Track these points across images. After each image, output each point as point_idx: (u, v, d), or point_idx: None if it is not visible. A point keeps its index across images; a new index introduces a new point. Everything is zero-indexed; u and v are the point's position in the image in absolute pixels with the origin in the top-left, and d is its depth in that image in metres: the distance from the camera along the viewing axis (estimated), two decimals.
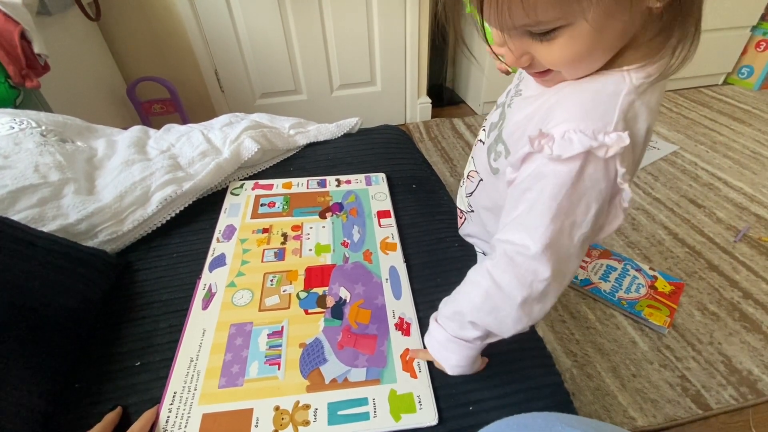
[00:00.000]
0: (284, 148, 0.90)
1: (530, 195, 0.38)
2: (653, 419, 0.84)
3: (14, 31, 0.86)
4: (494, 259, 0.41)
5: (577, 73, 0.37)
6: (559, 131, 0.35)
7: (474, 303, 0.42)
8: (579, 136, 0.34)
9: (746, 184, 1.48)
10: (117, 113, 1.50)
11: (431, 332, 0.49)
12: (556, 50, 0.34)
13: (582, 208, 0.36)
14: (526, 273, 0.38)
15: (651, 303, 1.04)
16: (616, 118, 0.34)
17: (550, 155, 0.35)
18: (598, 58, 0.35)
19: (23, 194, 0.61)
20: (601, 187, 0.36)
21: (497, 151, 0.48)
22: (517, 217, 0.39)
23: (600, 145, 0.33)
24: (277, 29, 1.61)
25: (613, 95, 0.35)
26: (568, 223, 0.36)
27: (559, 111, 0.37)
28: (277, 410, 0.47)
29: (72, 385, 0.50)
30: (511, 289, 0.39)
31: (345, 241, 0.69)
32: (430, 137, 1.87)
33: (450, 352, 0.46)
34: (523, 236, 0.38)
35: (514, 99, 0.47)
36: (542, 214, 0.36)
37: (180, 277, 0.64)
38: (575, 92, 0.37)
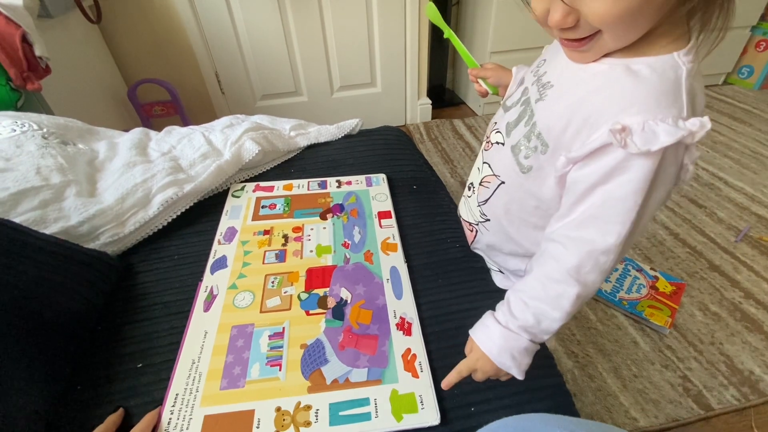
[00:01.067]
0: (285, 149, 0.90)
1: (607, 188, 0.37)
2: (655, 420, 0.84)
3: (15, 33, 0.86)
4: (574, 261, 0.40)
5: (621, 38, 0.36)
6: (637, 123, 0.34)
7: (566, 311, 0.41)
8: (663, 126, 0.33)
9: (747, 184, 1.48)
10: (118, 115, 1.50)
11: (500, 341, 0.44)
12: (609, 3, 0.32)
13: (658, 196, 0.38)
14: (608, 266, 0.40)
15: (652, 303, 1.04)
16: (686, 103, 0.35)
17: (637, 150, 0.34)
18: (645, 19, 0.34)
19: (25, 196, 0.61)
20: (670, 172, 0.37)
21: (530, 147, 0.46)
22: (591, 211, 0.39)
23: (688, 134, 0.33)
24: (278, 31, 1.61)
25: (676, 81, 0.35)
26: (645, 212, 0.38)
27: (624, 101, 0.36)
28: (279, 411, 0.47)
29: (74, 387, 0.50)
30: (597, 284, 0.41)
31: (346, 242, 0.69)
32: (430, 138, 1.87)
33: (525, 357, 0.44)
34: (604, 233, 0.38)
35: (546, 92, 0.45)
36: (626, 209, 0.37)
37: (181, 279, 0.64)
38: (638, 81, 0.36)
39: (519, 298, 0.44)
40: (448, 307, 0.60)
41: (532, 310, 0.43)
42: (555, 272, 0.42)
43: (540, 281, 0.43)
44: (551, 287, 0.42)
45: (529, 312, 0.43)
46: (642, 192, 0.36)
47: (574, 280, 0.40)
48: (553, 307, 0.42)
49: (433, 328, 0.57)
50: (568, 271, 0.41)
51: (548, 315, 0.42)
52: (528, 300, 0.43)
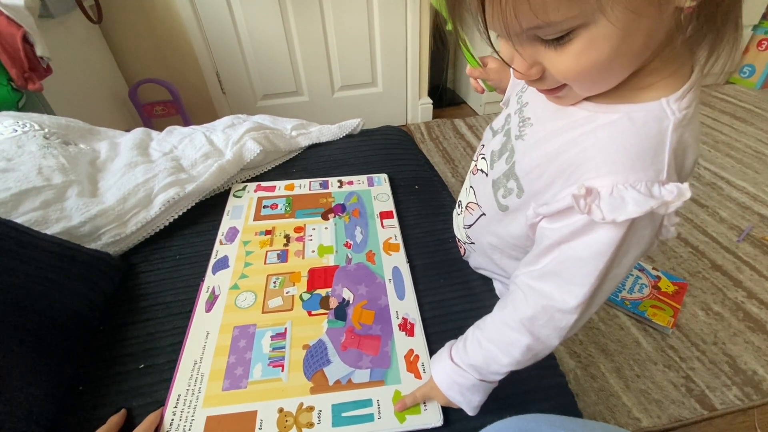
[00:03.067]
0: (286, 149, 0.90)
1: (571, 245, 0.35)
2: (658, 420, 0.84)
3: (17, 33, 0.86)
4: (530, 312, 0.39)
5: (594, 89, 0.33)
6: (606, 187, 0.31)
7: (515, 359, 0.40)
8: (632, 193, 0.30)
9: (749, 183, 1.48)
10: (119, 115, 1.50)
11: (450, 375, 0.44)
12: (572, 58, 0.29)
13: (626, 261, 0.34)
14: (565, 326, 0.38)
15: (654, 303, 1.04)
16: (666, 161, 0.30)
17: (601, 219, 0.30)
18: (618, 71, 0.31)
19: (27, 197, 0.61)
20: (646, 235, 0.33)
21: (507, 188, 0.45)
22: (552, 266, 0.37)
23: (660, 204, 0.29)
24: (278, 31, 1.61)
25: (659, 135, 0.31)
26: (610, 276, 0.35)
27: (599, 158, 0.32)
28: (281, 412, 0.47)
29: (76, 387, 0.50)
30: (551, 340, 0.39)
31: (348, 242, 0.69)
32: (431, 138, 1.87)
33: (477, 394, 0.44)
34: (563, 292, 0.36)
35: (525, 130, 0.42)
36: (588, 272, 0.34)
37: (183, 279, 0.64)
38: (614, 135, 0.32)
39: (476, 336, 0.44)
40: (450, 307, 0.60)
41: (483, 351, 0.42)
42: (510, 319, 0.41)
43: (497, 325, 0.43)
44: (505, 333, 0.41)
45: (480, 352, 0.42)
46: (607, 255, 0.33)
47: (527, 330, 0.39)
48: (503, 353, 0.41)
49: (435, 328, 0.57)
50: (521, 321, 0.39)
51: (497, 359, 0.41)
52: (482, 340, 0.43)
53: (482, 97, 1.97)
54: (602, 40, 0.27)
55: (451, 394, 0.44)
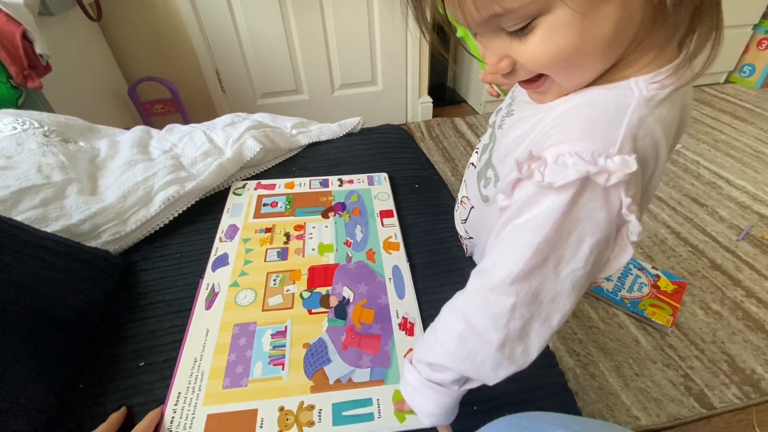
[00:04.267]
0: (286, 147, 0.90)
1: (516, 222, 0.33)
2: (657, 418, 0.84)
3: (16, 31, 0.86)
4: (466, 295, 0.37)
5: (571, 79, 0.32)
6: (552, 154, 0.30)
7: (448, 349, 0.37)
8: (574, 159, 0.28)
9: (749, 182, 1.48)
10: (118, 113, 1.50)
11: (404, 376, 0.43)
12: (536, 46, 0.28)
13: (573, 242, 0.31)
14: (500, 312, 0.33)
15: (654, 302, 1.04)
16: (621, 137, 0.29)
17: (540, 182, 0.29)
18: (592, 60, 0.30)
19: (26, 195, 0.61)
20: (599, 219, 0.30)
21: (487, 177, 0.44)
22: (497, 244, 0.35)
23: (600, 171, 0.28)
24: (278, 29, 1.61)
25: (618, 110, 0.29)
26: (553, 257, 0.31)
27: (554, 130, 0.32)
28: (282, 411, 0.47)
29: (76, 385, 0.50)
30: (486, 331, 0.34)
31: (348, 240, 0.69)
32: (431, 137, 1.87)
33: (424, 398, 0.40)
34: (495, 266, 0.34)
35: (506, 119, 0.42)
36: (524, 245, 0.31)
37: (183, 277, 0.64)
38: (573, 109, 0.32)
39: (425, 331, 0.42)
40: None
41: (423, 342, 0.41)
42: (451, 306, 0.39)
43: (441, 315, 0.41)
44: (442, 319, 0.39)
45: (421, 343, 0.41)
46: (545, 229, 0.30)
47: (461, 314, 0.36)
48: (437, 340, 0.38)
49: None
50: (459, 305, 0.37)
51: (431, 347, 0.39)
52: (427, 331, 0.41)
53: (482, 96, 1.97)
54: (565, 26, 0.27)
55: (407, 397, 0.42)
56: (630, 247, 0.32)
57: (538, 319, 0.34)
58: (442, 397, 0.40)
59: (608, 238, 0.31)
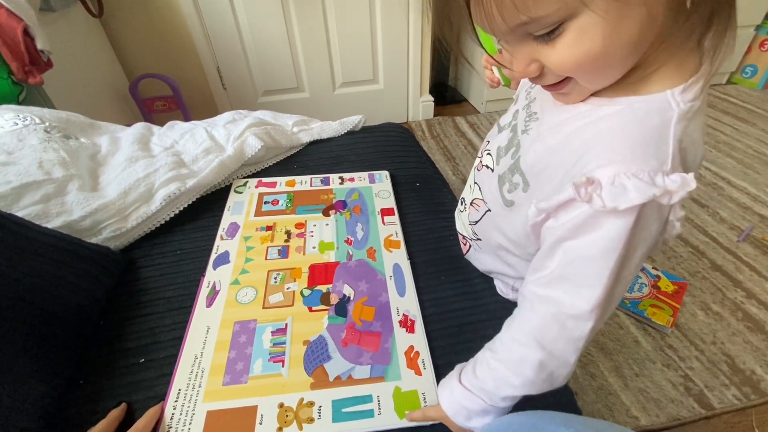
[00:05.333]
0: (287, 145, 0.90)
1: (575, 245, 0.33)
2: (656, 419, 0.84)
3: (17, 27, 0.85)
4: (538, 322, 0.37)
5: (596, 81, 0.32)
6: (607, 176, 0.30)
7: (527, 378, 0.37)
8: (634, 182, 0.29)
9: (750, 183, 1.48)
10: (119, 110, 1.50)
11: (458, 400, 0.42)
12: (565, 50, 0.29)
13: (631, 255, 0.33)
14: (580, 336, 0.35)
15: (654, 302, 1.04)
16: (671, 153, 0.29)
17: (603, 207, 0.29)
18: (618, 61, 0.30)
19: (27, 190, 0.61)
20: (653, 230, 0.32)
21: (513, 183, 0.43)
22: (560, 270, 0.35)
23: (663, 192, 0.28)
24: (280, 26, 1.60)
25: (662, 126, 0.30)
26: (618, 273, 0.33)
27: (599, 149, 0.32)
28: (282, 407, 0.47)
29: (76, 381, 0.50)
30: (565, 354, 0.36)
31: (349, 238, 0.69)
32: (432, 135, 1.87)
33: (484, 418, 0.41)
34: (573, 297, 0.34)
35: (530, 124, 0.42)
36: (598, 272, 0.32)
37: (183, 274, 0.64)
38: (614, 125, 0.32)
39: (485, 357, 0.41)
40: (450, 304, 0.60)
41: (493, 373, 0.40)
42: (519, 333, 0.38)
43: (505, 342, 0.40)
44: (514, 350, 0.38)
45: (490, 374, 0.40)
46: (615, 253, 0.31)
47: (537, 343, 0.36)
48: (514, 373, 0.38)
49: (435, 325, 0.57)
50: (531, 333, 0.37)
51: (508, 380, 0.38)
52: (492, 361, 0.40)
53: (483, 95, 1.97)
54: (592, 30, 0.27)
55: (459, 419, 0.41)
56: (662, 243, 0.35)
57: (601, 322, 0.36)
58: (501, 413, 0.40)
59: (656, 241, 0.34)
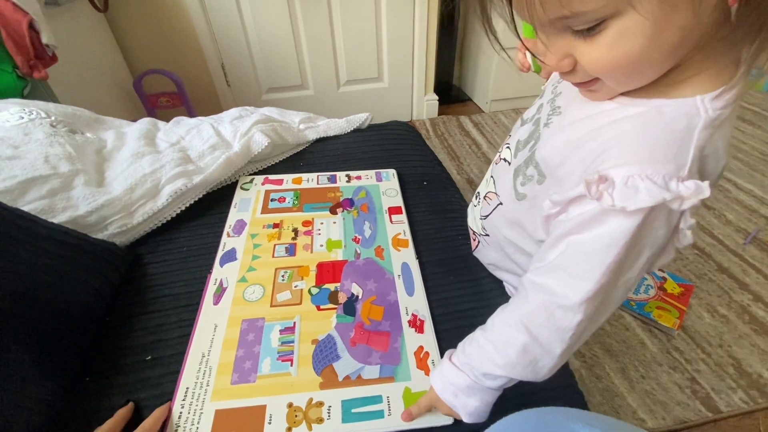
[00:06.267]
0: (294, 142, 0.89)
1: (578, 239, 0.34)
2: (663, 421, 0.84)
3: (23, 21, 0.85)
4: (529, 308, 0.38)
5: (627, 83, 0.32)
6: (621, 175, 0.30)
7: (509, 359, 0.38)
8: (647, 184, 0.28)
9: (756, 186, 1.47)
10: (123, 106, 1.49)
11: (446, 375, 0.43)
12: (603, 50, 0.28)
13: (634, 257, 0.33)
14: (567, 326, 0.35)
15: (660, 304, 1.03)
16: (690, 159, 0.29)
17: (612, 206, 0.29)
18: (654, 66, 0.29)
19: (33, 185, 0.60)
20: (659, 234, 0.32)
21: (527, 175, 0.43)
22: (558, 261, 0.35)
23: (674, 198, 0.28)
24: (285, 23, 1.60)
25: (686, 131, 0.29)
26: (617, 273, 0.33)
27: (618, 148, 0.31)
28: (291, 407, 0.46)
29: (83, 378, 0.50)
30: (550, 343, 0.36)
31: (356, 236, 0.68)
32: (436, 134, 1.86)
33: (471, 398, 0.41)
34: (565, 286, 0.35)
35: (552, 118, 0.41)
36: (594, 266, 0.33)
37: (190, 271, 0.63)
38: (638, 126, 0.31)
39: (476, 336, 0.43)
40: (459, 304, 0.59)
41: (480, 350, 0.41)
42: (510, 317, 0.40)
43: (496, 323, 0.41)
44: (503, 330, 0.40)
45: (477, 351, 0.41)
46: (616, 250, 0.31)
47: (524, 327, 0.37)
48: (499, 352, 0.39)
49: (444, 325, 0.56)
50: (520, 317, 0.38)
51: (492, 358, 0.39)
52: (481, 339, 0.41)
53: (488, 94, 1.96)
54: (634, 32, 0.26)
55: (446, 395, 0.43)
56: (674, 251, 0.34)
57: (592, 323, 0.36)
58: (488, 396, 0.41)
59: (663, 247, 0.33)
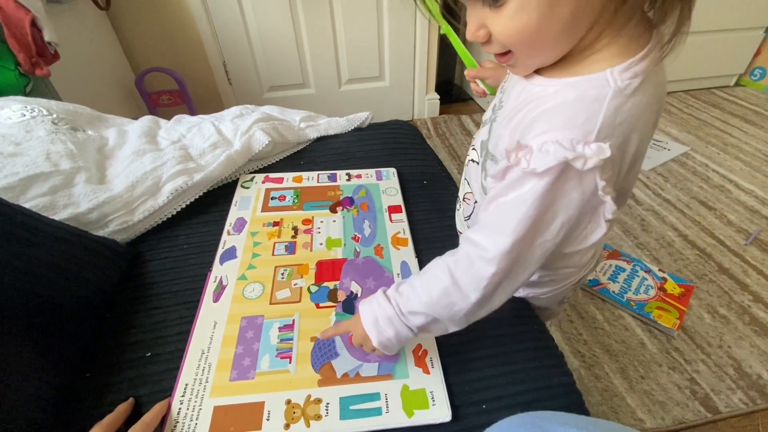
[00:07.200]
0: (294, 141, 0.89)
1: (503, 200, 0.38)
2: (662, 422, 0.84)
3: (25, 18, 0.85)
4: (457, 256, 0.41)
5: (536, 56, 0.35)
6: (538, 142, 0.33)
7: (431, 297, 0.42)
8: (555, 146, 0.32)
9: (758, 186, 1.47)
10: (125, 103, 1.49)
11: (373, 304, 0.46)
12: (506, 20, 0.32)
13: (548, 218, 0.36)
14: (483, 276, 0.39)
15: (660, 305, 1.03)
16: (599, 126, 0.32)
17: (526, 168, 0.33)
18: (556, 39, 0.33)
19: (35, 182, 0.61)
20: (572, 198, 0.35)
21: (487, 170, 0.47)
22: (486, 219, 0.40)
23: (577, 156, 0.31)
24: (287, 22, 1.60)
25: (596, 101, 0.32)
26: (532, 232, 0.36)
27: (539, 121, 0.35)
28: (289, 404, 0.46)
29: (83, 374, 0.50)
30: (468, 289, 0.40)
31: (356, 235, 0.68)
32: (437, 134, 1.86)
33: (387, 328, 0.44)
34: (486, 239, 0.38)
35: (497, 113, 0.46)
36: (510, 222, 0.36)
37: (190, 268, 0.63)
38: (558, 102, 0.35)
39: (411, 278, 0.46)
40: None
41: (410, 288, 0.44)
42: (441, 261, 0.43)
43: (429, 267, 0.44)
44: (431, 271, 0.43)
45: (407, 289, 0.44)
46: (530, 208, 0.35)
47: (448, 271, 0.41)
48: (424, 290, 0.42)
49: None
50: (447, 263, 0.42)
51: (418, 296, 0.42)
52: (414, 280, 0.44)
53: None
54: (530, 6, 0.30)
55: (366, 322, 0.45)
56: (604, 225, 0.38)
57: (508, 280, 0.40)
58: (403, 331, 0.44)
59: (580, 215, 0.36)
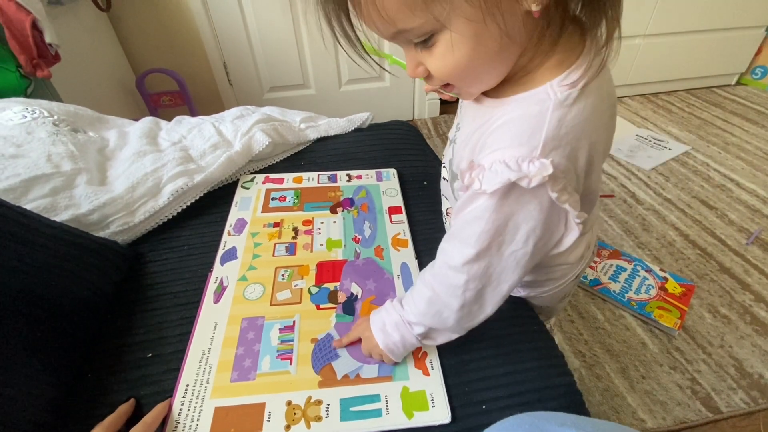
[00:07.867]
0: (295, 142, 0.89)
1: (463, 213, 0.39)
2: (663, 421, 0.84)
3: (26, 20, 0.85)
4: (434, 269, 0.44)
5: (476, 85, 0.37)
6: (488, 161, 0.34)
7: (420, 309, 0.45)
8: (501, 167, 0.33)
9: (759, 186, 1.46)
10: (126, 105, 1.50)
11: (381, 313, 0.49)
12: (438, 59, 0.33)
13: (510, 230, 0.37)
14: (455, 284, 0.41)
15: (661, 304, 1.03)
16: (542, 140, 0.32)
17: (478, 189, 0.35)
18: (491, 68, 0.34)
19: (36, 183, 0.61)
20: (530, 209, 0.36)
21: (456, 189, 0.49)
22: (453, 230, 0.42)
23: (521, 177, 0.32)
24: (287, 22, 1.60)
25: (538, 115, 0.33)
26: (495, 243, 0.38)
27: (491, 140, 0.36)
28: (290, 405, 0.46)
29: (84, 375, 0.50)
30: (447, 297, 0.42)
31: (356, 236, 0.68)
32: (438, 134, 1.86)
33: (393, 333, 0.47)
34: (454, 249, 0.41)
35: (457, 134, 0.47)
36: (471, 234, 0.38)
37: (191, 269, 0.63)
38: (505, 121, 0.36)
39: (410, 291, 0.48)
40: None
41: (408, 301, 0.47)
42: (424, 274, 0.46)
43: (417, 281, 0.48)
44: (418, 286, 0.47)
45: (406, 301, 0.47)
46: (484, 222, 0.37)
47: (429, 284, 0.44)
48: (416, 302, 0.45)
49: None
50: (427, 275, 0.45)
51: (414, 306, 0.46)
52: (413, 293, 0.47)
53: None
54: (458, 43, 0.31)
55: (375, 328, 0.48)
56: (576, 228, 0.39)
57: (490, 288, 0.41)
58: (408, 337, 0.46)
59: (546, 223, 0.37)
